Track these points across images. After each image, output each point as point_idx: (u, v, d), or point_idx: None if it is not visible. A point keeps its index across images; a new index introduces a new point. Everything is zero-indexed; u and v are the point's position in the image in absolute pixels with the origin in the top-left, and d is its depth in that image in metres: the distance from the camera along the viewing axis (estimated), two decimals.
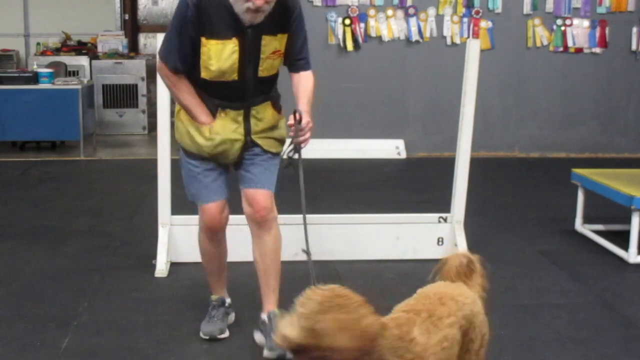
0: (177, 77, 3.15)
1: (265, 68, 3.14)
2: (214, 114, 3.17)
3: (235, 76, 3.10)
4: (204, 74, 3.11)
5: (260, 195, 3.22)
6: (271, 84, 3.25)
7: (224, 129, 3.18)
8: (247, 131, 3.20)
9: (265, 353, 3.23)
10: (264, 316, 3.32)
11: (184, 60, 3.10)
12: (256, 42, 3.07)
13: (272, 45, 3.11)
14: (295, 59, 3.23)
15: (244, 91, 3.15)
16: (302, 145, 3.13)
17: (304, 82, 3.23)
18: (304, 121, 3.09)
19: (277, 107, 3.31)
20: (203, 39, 3.04)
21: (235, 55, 3.06)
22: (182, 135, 3.28)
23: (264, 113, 3.23)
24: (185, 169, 3.32)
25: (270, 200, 3.25)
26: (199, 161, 3.25)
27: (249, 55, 3.08)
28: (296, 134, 3.11)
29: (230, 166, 3.31)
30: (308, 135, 3.12)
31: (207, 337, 3.40)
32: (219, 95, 3.15)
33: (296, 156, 3.15)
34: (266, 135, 3.26)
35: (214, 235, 3.37)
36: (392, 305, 3.87)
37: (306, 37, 3.24)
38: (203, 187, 3.27)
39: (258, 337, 3.35)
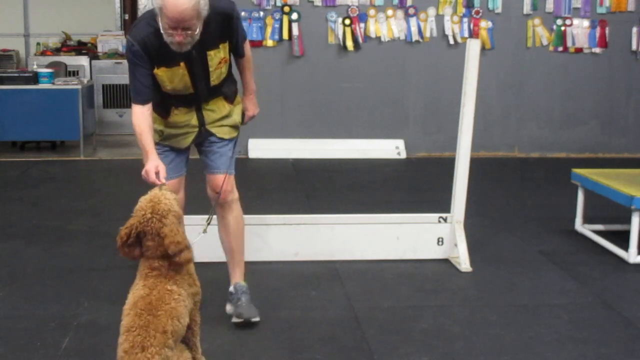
0: (142, 109, 3.31)
1: (215, 77, 3.43)
2: (168, 112, 3.47)
3: (190, 90, 3.41)
4: (164, 89, 3.40)
5: (220, 179, 3.54)
6: (222, 85, 3.51)
7: (179, 122, 3.51)
8: (201, 122, 3.52)
9: (234, 319, 3.57)
10: (231, 288, 3.65)
11: (146, 91, 3.31)
12: (202, 60, 3.34)
13: (217, 57, 3.38)
14: (238, 51, 3.55)
15: (199, 99, 3.47)
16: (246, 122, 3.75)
17: (247, 64, 3.63)
18: (251, 113, 3.69)
19: (230, 99, 3.58)
20: (155, 68, 3.31)
21: (186, 77, 3.35)
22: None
23: (215, 105, 3.53)
24: None
25: (229, 183, 3.56)
26: (158, 145, 3.46)
27: (199, 74, 3.37)
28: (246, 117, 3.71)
29: (188, 148, 3.61)
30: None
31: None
32: (178, 100, 3.45)
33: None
34: (220, 124, 3.56)
35: None
36: (392, 305, 3.89)
37: (242, 27, 3.52)
38: None
39: (228, 307, 3.63)
